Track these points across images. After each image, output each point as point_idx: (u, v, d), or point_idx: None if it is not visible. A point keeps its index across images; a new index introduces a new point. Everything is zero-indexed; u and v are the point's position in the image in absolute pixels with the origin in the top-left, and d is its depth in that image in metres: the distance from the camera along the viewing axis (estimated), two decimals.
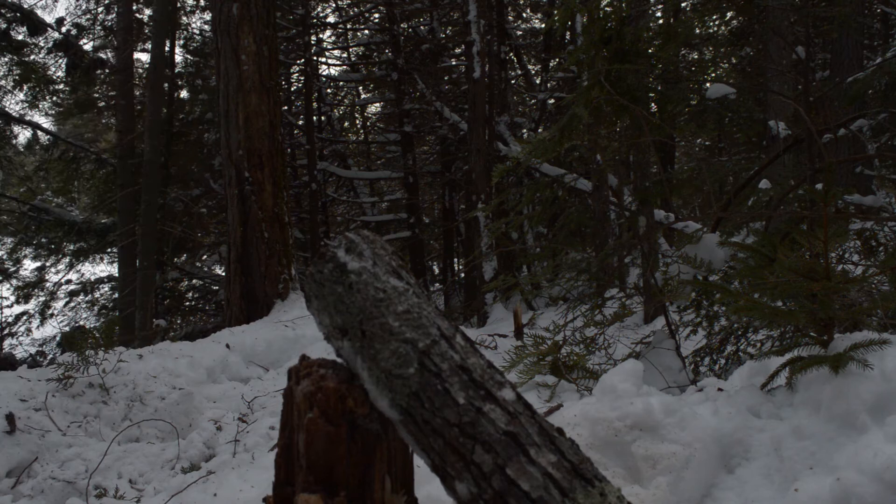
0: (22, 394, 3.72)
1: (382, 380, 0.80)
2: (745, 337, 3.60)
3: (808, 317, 2.34)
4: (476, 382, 0.77)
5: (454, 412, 0.74)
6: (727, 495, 2.07)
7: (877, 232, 4.49)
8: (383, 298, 0.82)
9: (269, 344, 5.61)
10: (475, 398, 0.75)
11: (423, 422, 0.75)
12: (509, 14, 13.00)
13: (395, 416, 0.78)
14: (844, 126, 5.53)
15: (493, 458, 0.67)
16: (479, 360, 0.81)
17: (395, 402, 0.77)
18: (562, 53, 11.55)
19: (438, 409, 0.75)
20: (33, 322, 11.81)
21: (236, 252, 7.28)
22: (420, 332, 0.80)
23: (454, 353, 0.79)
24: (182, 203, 12.31)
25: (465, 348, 0.81)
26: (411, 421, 0.76)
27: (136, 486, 3.23)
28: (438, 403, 0.76)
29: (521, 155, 4.36)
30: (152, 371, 4.39)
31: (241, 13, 7.26)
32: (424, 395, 0.77)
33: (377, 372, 0.80)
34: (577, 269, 4.60)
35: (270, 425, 3.70)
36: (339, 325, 0.83)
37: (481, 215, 8.27)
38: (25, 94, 11.15)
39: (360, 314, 0.81)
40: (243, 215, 7.18)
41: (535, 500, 0.63)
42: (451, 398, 0.76)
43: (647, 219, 4.41)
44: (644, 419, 2.18)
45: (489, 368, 0.80)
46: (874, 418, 1.97)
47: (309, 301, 0.90)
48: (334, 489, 0.69)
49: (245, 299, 7.19)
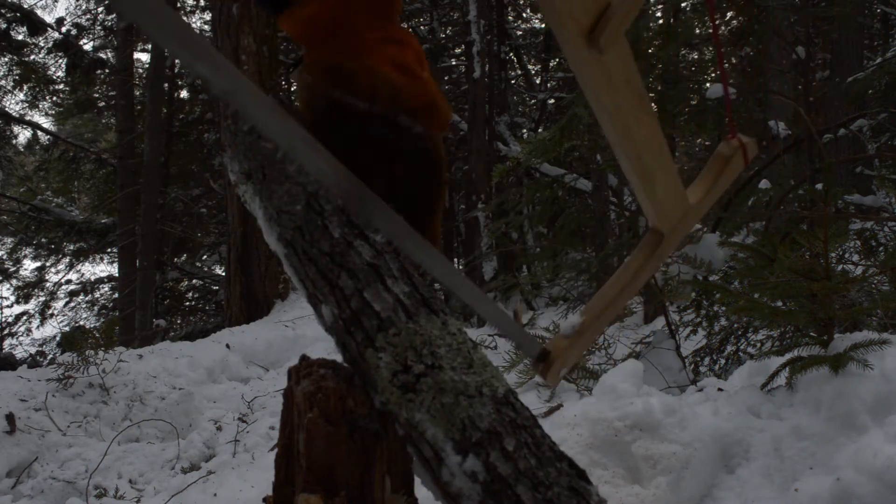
0: (22, 394, 3.72)
1: (273, 216, 0.94)
2: (745, 337, 3.60)
3: (808, 317, 2.34)
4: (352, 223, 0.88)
5: (328, 244, 0.85)
6: (727, 495, 2.07)
7: (877, 232, 4.49)
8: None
9: (269, 344, 5.61)
10: (349, 235, 0.85)
11: (302, 252, 0.86)
12: (509, 14, 13.00)
13: (281, 249, 0.90)
14: (844, 126, 5.53)
15: (354, 283, 0.77)
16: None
17: (282, 235, 0.89)
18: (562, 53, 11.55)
19: (316, 241, 0.85)
20: (33, 322, 11.82)
21: (236, 252, 7.28)
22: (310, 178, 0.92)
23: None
24: (182, 203, 12.31)
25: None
26: (293, 253, 0.87)
27: (136, 486, 3.23)
28: (317, 236, 0.87)
29: (521, 155, 4.36)
30: (152, 371, 4.39)
31: (241, 13, 7.26)
32: (306, 228, 0.89)
33: (271, 210, 0.94)
34: (577, 269, 4.61)
35: (270, 425, 3.70)
36: (245, 170, 0.96)
37: (481, 215, 8.27)
38: (25, 94, 11.15)
39: (264, 160, 0.95)
40: (243, 215, 7.17)
41: (383, 320, 0.72)
42: (328, 233, 0.87)
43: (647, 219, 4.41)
44: (644, 419, 2.18)
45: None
46: (874, 418, 1.97)
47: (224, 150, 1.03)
48: (334, 489, 0.69)
49: (245, 299, 7.20)
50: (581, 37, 0.61)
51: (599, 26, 0.61)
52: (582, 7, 0.60)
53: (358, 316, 0.74)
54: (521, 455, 0.64)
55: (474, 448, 0.63)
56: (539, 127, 11.25)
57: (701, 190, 0.84)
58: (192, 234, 12.47)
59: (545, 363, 0.89)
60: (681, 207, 0.82)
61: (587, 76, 0.65)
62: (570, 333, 0.89)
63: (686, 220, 0.84)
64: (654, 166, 0.75)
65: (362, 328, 0.73)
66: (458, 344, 0.72)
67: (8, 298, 11.81)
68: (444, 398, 0.66)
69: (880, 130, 6.75)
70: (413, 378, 0.67)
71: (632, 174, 0.76)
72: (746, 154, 0.82)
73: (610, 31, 0.61)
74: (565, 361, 0.89)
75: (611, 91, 0.66)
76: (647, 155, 0.73)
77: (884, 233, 4.46)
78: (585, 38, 0.62)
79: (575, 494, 0.63)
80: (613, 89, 0.66)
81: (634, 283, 0.90)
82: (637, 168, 0.75)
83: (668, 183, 0.79)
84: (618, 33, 0.62)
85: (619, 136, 0.71)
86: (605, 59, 0.63)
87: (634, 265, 0.89)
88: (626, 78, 0.66)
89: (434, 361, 0.68)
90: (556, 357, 0.88)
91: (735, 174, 0.85)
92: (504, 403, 0.68)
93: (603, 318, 0.90)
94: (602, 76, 0.65)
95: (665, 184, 0.78)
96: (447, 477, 0.64)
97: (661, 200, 0.80)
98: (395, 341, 0.70)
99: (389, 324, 0.72)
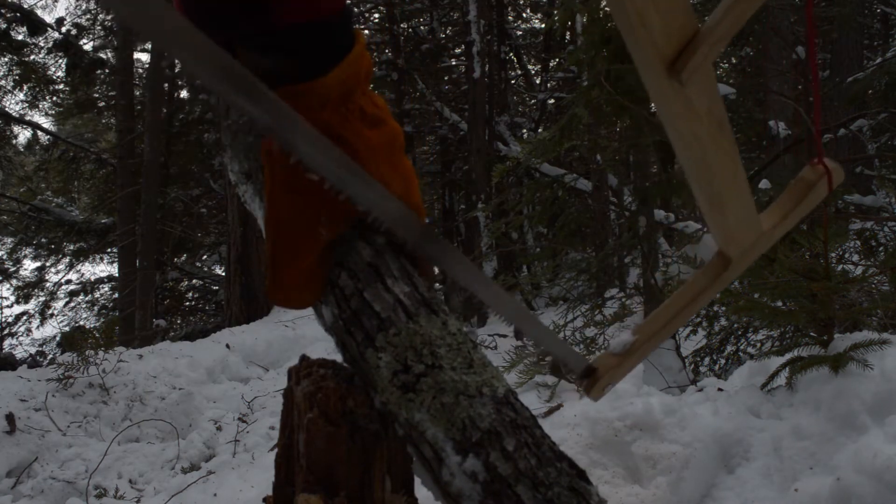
0: (22, 394, 3.72)
1: None
2: (745, 337, 3.60)
3: (808, 317, 2.34)
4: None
5: None
6: (727, 495, 2.07)
7: (877, 232, 4.49)
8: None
9: (269, 344, 5.61)
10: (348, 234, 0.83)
11: None
12: (509, 14, 13.00)
13: None
14: (844, 126, 5.53)
15: (354, 283, 0.76)
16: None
17: None
18: (562, 53, 11.55)
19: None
20: (33, 322, 11.82)
21: (236, 252, 7.28)
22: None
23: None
24: (182, 203, 12.31)
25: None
26: None
27: (136, 486, 3.23)
28: None
29: (521, 155, 4.36)
30: (152, 371, 4.39)
31: None
32: None
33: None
34: (577, 269, 4.61)
35: (270, 425, 3.70)
36: (245, 170, 0.96)
37: (481, 215, 8.27)
38: (25, 94, 11.15)
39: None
40: (243, 215, 7.17)
41: (383, 320, 0.71)
42: None
43: (647, 219, 4.42)
44: (644, 419, 2.18)
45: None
46: (874, 418, 1.97)
47: (224, 150, 1.03)
48: (334, 489, 0.69)
49: (245, 299, 7.20)
50: (661, 65, 0.57)
51: (683, 58, 0.57)
52: (665, 35, 0.56)
53: (358, 316, 0.74)
54: (521, 455, 0.63)
55: (474, 448, 0.63)
56: (539, 127, 11.25)
57: (777, 216, 0.82)
58: (192, 234, 12.47)
59: (591, 379, 0.87)
60: (752, 234, 0.80)
61: (664, 105, 0.61)
62: (620, 351, 0.88)
63: (757, 246, 0.82)
64: (726, 193, 0.73)
65: (362, 328, 0.73)
66: (458, 344, 0.72)
67: (8, 298, 11.81)
68: (445, 398, 0.66)
69: (880, 130, 6.75)
70: (413, 378, 0.67)
71: (702, 200, 0.74)
72: (831, 180, 0.80)
73: (694, 64, 0.57)
74: (612, 379, 0.88)
75: (689, 119, 0.63)
76: (719, 181, 0.71)
77: (884, 233, 4.46)
78: (666, 68, 0.58)
79: (575, 494, 0.63)
80: (692, 118, 0.63)
81: (694, 305, 0.88)
82: (707, 194, 0.73)
83: (740, 209, 0.77)
84: (702, 67, 0.58)
85: (692, 163, 0.68)
86: (687, 89, 0.60)
87: (696, 288, 0.87)
88: (707, 107, 0.63)
89: (434, 361, 0.68)
90: (603, 374, 0.87)
91: (817, 201, 0.82)
92: (504, 403, 0.68)
93: (655, 339, 0.88)
94: (681, 106, 0.61)
95: (736, 210, 0.76)
96: (447, 477, 0.64)
97: (731, 227, 0.78)
98: (395, 341, 0.70)
99: (389, 324, 0.72)
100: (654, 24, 0.55)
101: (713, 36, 0.56)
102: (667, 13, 0.55)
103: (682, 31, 0.57)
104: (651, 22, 0.55)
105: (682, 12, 0.56)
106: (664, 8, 0.55)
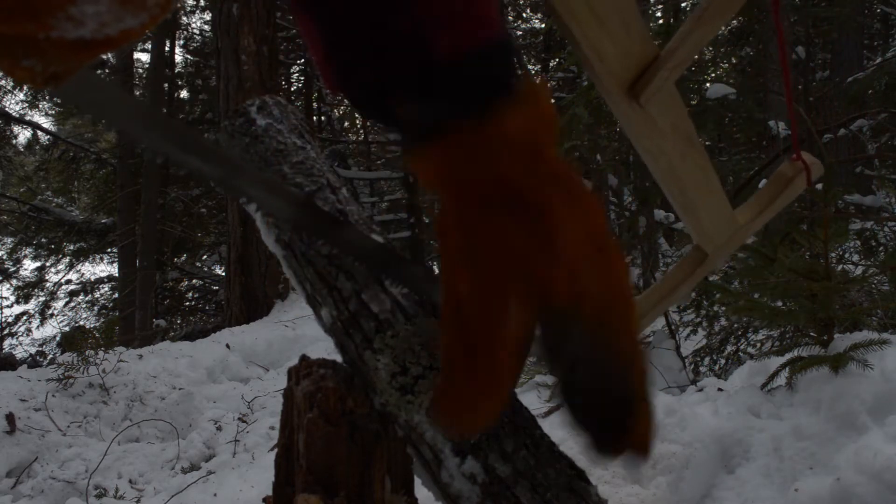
0: (22, 394, 3.72)
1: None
2: (745, 337, 3.60)
3: (808, 317, 2.34)
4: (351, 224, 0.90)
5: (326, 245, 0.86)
6: (727, 495, 2.07)
7: (877, 232, 4.49)
8: (283, 150, 0.95)
9: (269, 344, 5.61)
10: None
11: (300, 254, 0.84)
12: (509, 14, 13.01)
13: (280, 251, 0.88)
14: (844, 126, 5.53)
15: (352, 284, 0.76)
16: (358, 208, 0.91)
17: (280, 237, 0.88)
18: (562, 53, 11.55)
19: (314, 243, 0.85)
20: (33, 322, 11.82)
21: (236, 252, 7.29)
22: (309, 179, 0.91)
23: (336, 199, 0.89)
24: (182, 203, 12.31)
25: (348, 199, 0.91)
26: (291, 255, 0.86)
27: (136, 486, 3.23)
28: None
29: None
30: (152, 371, 4.39)
31: (241, 13, 7.26)
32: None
33: None
34: None
35: (270, 425, 3.70)
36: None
37: None
38: (25, 94, 11.15)
39: (261, 161, 0.94)
40: (243, 215, 7.17)
41: (381, 322, 0.71)
42: None
43: (647, 219, 4.42)
44: None
45: (367, 218, 0.92)
46: (874, 418, 1.97)
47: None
48: (334, 489, 0.69)
49: (245, 299, 7.20)
50: (621, 90, 0.59)
51: (641, 82, 0.59)
52: (622, 63, 0.58)
53: (356, 318, 0.74)
54: (519, 456, 0.64)
55: (473, 450, 0.63)
56: None
57: (753, 210, 0.84)
58: (192, 234, 12.47)
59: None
60: (728, 229, 0.83)
61: (627, 125, 0.63)
62: None
63: (733, 239, 0.85)
64: (697, 197, 0.76)
65: (360, 330, 0.73)
66: None
67: (8, 298, 11.81)
68: None
69: (880, 130, 6.75)
70: (411, 380, 0.68)
71: (676, 206, 0.78)
72: (810, 175, 0.81)
73: (651, 90, 0.59)
74: None
75: (653, 137, 0.65)
76: (691, 190, 0.74)
77: (884, 233, 4.46)
78: (626, 93, 0.60)
79: (574, 495, 0.63)
80: (656, 135, 0.65)
81: (672, 296, 0.90)
82: (680, 202, 0.76)
83: (713, 210, 0.79)
84: (661, 89, 0.60)
85: (661, 174, 0.71)
86: (649, 110, 0.62)
87: (674, 279, 0.90)
88: (671, 123, 0.65)
89: (432, 363, 0.69)
90: None
91: (794, 195, 0.84)
92: None
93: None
94: (643, 125, 0.63)
95: (709, 212, 0.79)
96: (446, 479, 0.64)
97: (705, 226, 0.81)
98: (393, 343, 0.71)
99: (387, 325, 0.72)
100: (610, 54, 0.57)
101: (672, 61, 0.58)
102: (622, 43, 0.57)
103: (639, 57, 0.58)
104: (606, 52, 0.56)
105: (638, 41, 0.58)
106: (619, 39, 0.56)
